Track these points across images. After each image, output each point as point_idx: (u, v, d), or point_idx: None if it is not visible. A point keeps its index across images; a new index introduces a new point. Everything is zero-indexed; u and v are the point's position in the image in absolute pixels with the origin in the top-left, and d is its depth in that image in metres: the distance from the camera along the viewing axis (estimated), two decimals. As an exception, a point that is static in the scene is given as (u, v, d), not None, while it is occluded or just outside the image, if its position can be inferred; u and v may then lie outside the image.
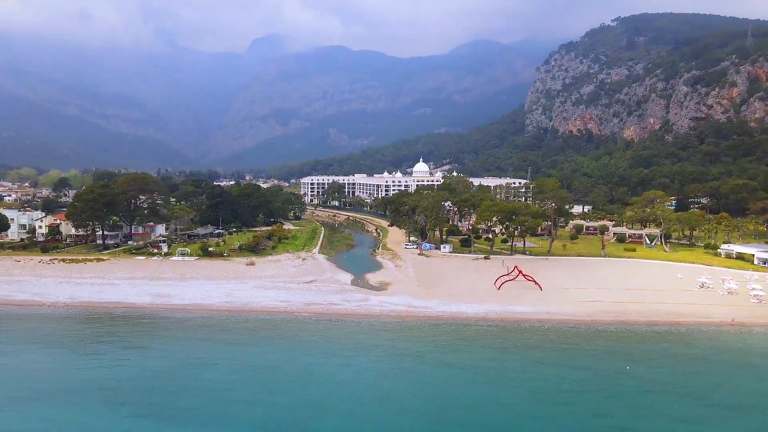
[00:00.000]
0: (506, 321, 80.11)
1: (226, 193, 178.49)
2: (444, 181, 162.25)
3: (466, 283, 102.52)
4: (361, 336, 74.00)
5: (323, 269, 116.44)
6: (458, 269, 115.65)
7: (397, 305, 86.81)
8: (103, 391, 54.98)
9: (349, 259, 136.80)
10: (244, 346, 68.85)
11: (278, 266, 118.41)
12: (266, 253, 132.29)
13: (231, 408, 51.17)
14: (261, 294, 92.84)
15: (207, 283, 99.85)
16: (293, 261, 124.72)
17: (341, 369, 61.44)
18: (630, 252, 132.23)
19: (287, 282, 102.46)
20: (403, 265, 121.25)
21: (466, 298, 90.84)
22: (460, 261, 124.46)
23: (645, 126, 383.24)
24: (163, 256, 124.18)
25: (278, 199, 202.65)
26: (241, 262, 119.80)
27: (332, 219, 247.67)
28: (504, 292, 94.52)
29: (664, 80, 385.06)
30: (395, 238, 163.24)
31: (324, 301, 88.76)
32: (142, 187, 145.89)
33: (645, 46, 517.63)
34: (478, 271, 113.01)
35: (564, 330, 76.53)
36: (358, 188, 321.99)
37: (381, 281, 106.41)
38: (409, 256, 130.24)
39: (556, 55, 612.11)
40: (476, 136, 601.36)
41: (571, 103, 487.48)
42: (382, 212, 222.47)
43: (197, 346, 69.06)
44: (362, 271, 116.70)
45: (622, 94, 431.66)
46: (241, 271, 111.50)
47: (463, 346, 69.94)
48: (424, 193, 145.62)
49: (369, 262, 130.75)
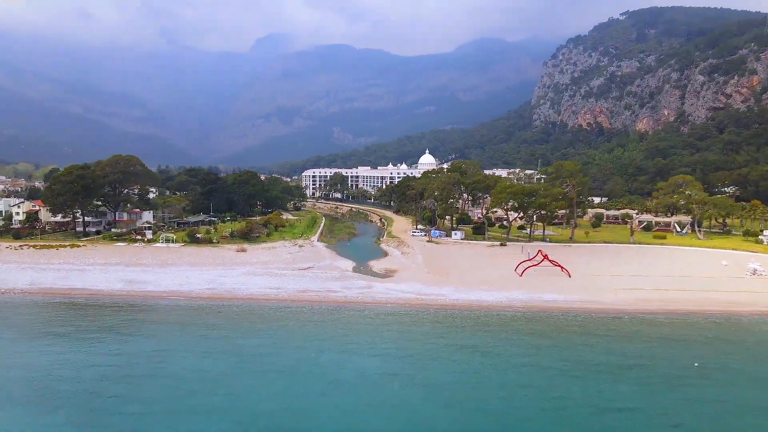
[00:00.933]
0: (534, 310, 68.01)
1: (220, 180, 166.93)
2: (453, 164, 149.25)
3: (482, 269, 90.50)
4: (363, 326, 62.12)
5: (322, 256, 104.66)
6: (473, 256, 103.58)
7: (405, 293, 74.89)
8: (34, 391, 43.29)
9: (351, 247, 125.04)
10: (219, 339, 56.93)
11: (272, 253, 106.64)
12: (260, 240, 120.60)
13: (187, 419, 39.31)
14: (249, 281, 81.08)
15: (189, 270, 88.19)
16: (289, 248, 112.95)
17: (337, 366, 49.57)
18: (660, 239, 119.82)
19: (280, 269, 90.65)
20: (410, 252, 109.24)
21: (485, 285, 78.83)
22: (474, 248, 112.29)
23: (659, 118, 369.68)
24: (146, 242, 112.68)
25: (276, 189, 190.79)
26: (231, 249, 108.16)
27: (334, 211, 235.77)
28: (527, 279, 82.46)
29: (678, 71, 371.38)
30: (401, 226, 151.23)
31: (321, 288, 76.90)
32: (125, 170, 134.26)
33: (656, 38, 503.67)
34: (496, 258, 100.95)
35: (605, 320, 64.33)
36: (362, 181, 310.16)
37: (386, 268, 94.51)
38: (417, 243, 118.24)
39: (563, 49, 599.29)
40: (482, 131, 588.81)
41: (580, 97, 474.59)
42: (386, 203, 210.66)
43: (162, 337, 57.28)
44: (365, 258, 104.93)
45: (634, 86, 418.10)
46: (229, 258, 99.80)
47: (486, 338, 57.90)
48: (433, 176, 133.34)
49: (373, 250, 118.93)
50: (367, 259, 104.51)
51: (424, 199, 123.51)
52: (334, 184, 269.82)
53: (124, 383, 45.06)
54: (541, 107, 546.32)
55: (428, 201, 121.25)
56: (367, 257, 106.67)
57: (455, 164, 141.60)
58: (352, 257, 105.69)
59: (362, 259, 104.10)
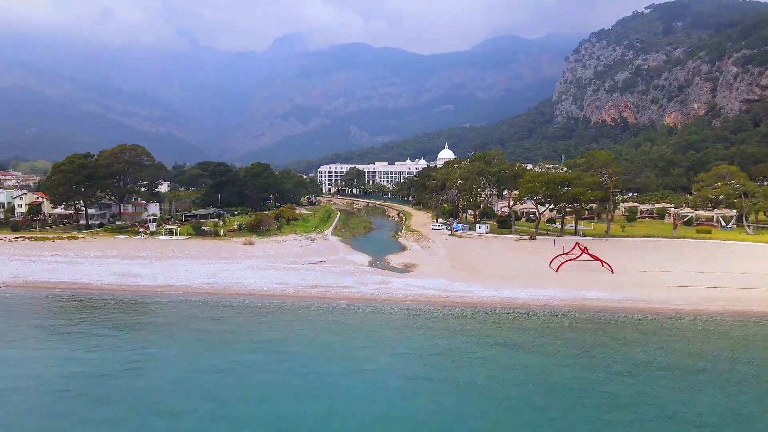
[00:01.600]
0: (577, 309, 58.79)
1: (231, 172, 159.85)
2: (476, 154, 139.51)
3: (512, 264, 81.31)
4: (379, 326, 53.63)
5: (335, 250, 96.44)
6: (500, 250, 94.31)
7: (427, 289, 66.19)
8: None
9: (367, 241, 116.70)
10: (209, 341, 48.88)
11: (282, 246, 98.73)
12: (270, 233, 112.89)
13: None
14: (253, 275, 73.11)
15: (189, 263, 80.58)
16: (300, 242, 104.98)
17: (348, 374, 41.07)
18: (705, 234, 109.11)
19: (289, 263, 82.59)
20: (431, 246, 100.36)
21: (517, 281, 69.77)
22: (501, 242, 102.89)
23: (688, 112, 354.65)
24: (149, 235, 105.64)
25: (290, 182, 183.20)
26: (237, 242, 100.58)
27: (350, 206, 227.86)
28: (564, 275, 73.13)
29: (709, 62, 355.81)
30: (420, 220, 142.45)
31: (333, 284, 68.57)
32: (130, 161, 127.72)
33: (684, 30, 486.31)
34: (526, 252, 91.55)
35: (662, 321, 54.91)
36: (379, 176, 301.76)
37: (406, 263, 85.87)
38: (439, 237, 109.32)
39: (586, 43, 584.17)
40: (502, 128, 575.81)
41: (604, 91, 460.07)
42: (404, 198, 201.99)
43: (144, 338, 49.37)
44: (382, 252, 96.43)
45: (661, 79, 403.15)
46: (235, 251, 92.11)
47: (526, 342, 48.92)
48: (455, 166, 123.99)
49: (390, 244, 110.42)
50: (385, 253, 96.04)
51: (446, 190, 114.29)
52: (350, 180, 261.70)
53: (88, 386, 37.20)
54: (563, 103, 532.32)
55: (450, 192, 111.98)
56: (384, 251, 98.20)
57: (478, 154, 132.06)
58: (367, 251, 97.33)
59: (379, 253, 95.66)
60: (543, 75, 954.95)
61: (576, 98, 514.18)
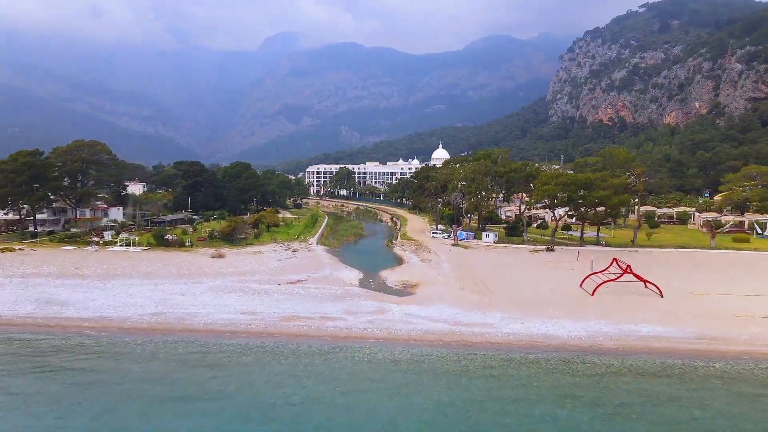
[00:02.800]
0: (634, 352, 44.47)
1: (206, 172, 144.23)
2: (476, 153, 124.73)
3: (535, 284, 66.93)
4: (374, 387, 38.90)
5: (320, 264, 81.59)
6: (516, 265, 79.89)
7: (435, 321, 51.64)
8: None
9: (358, 251, 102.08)
10: (128, 412, 33.95)
11: (257, 259, 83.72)
12: (246, 242, 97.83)
13: None
14: (215, 301, 58.16)
15: (139, 284, 65.39)
16: (280, 253, 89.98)
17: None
18: (743, 243, 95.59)
19: (263, 282, 67.69)
20: (433, 259, 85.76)
21: (546, 308, 55.45)
22: (515, 254, 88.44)
23: (689, 111, 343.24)
24: (102, 245, 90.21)
25: (273, 183, 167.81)
26: (205, 254, 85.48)
27: (339, 209, 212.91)
28: (603, 300, 58.91)
29: (710, 60, 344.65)
30: (417, 226, 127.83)
31: (314, 314, 53.81)
32: (89, 158, 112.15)
33: (682, 28, 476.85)
34: (547, 267, 77.20)
35: (758, 374, 40.73)
36: (370, 177, 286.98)
37: (404, 281, 71.27)
38: (440, 247, 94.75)
39: (581, 42, 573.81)
40: (496, 127, 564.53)
41: (601, 90, 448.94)
42: (398, 200, 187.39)
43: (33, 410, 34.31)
44: (375, 267, 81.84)
45: (661, 77, 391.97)
46: (200, 266, 76.98)
47: (582, 415, 34.47)
48: (457, 165, 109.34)
49: (385, 256, 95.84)
50: (378, 267, 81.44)
51: (447, 193, 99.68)
52: (339, 180, 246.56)
53: None
54: (558, 102, 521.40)
55: (453, 195, 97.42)
56: (377, 265, 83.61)
57: (480, 152, 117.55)
58: (358, 265, 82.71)
59: (372, 267, 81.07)
60: (535, 75, 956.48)
61: (571, 97, 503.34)
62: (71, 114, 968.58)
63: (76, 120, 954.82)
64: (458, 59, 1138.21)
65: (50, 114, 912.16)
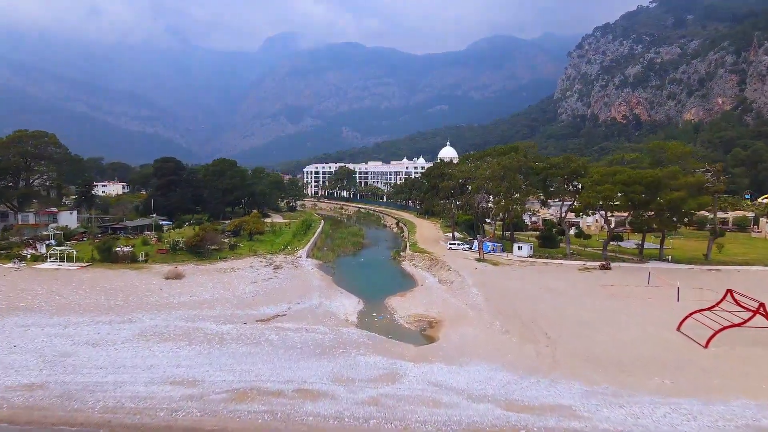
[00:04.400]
0: None
1: (183, 170, 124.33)
2: (496, 147, 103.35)
3: (607, 323, 46.90)
4: None
5: (307, 287, 61.65)
6: (568, 291, 59.48)
7: (476, 398, 31.79)
8: None
9: (357, 267, 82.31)
10: None
11: (225, 281, 63.77)
12: (218, 256, 78.05)
13: None
14: (137, 358, 38.24)
15: (43, 323, 45.55)
16: (258, 271, 70.12)
17: None
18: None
19: (223, 319, 47.93)
20: (455, 279, 65.64)
21: (647, 373, 35.55)
22: (560, 273, 68.14)
23: (711, 107, 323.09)
24: (29, 261, 70.44)
25: (263, 183, 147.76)
26: (159, 273, 65.65)
27: (338, 212, 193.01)
28: (724, 357, 39.00)
29: (733, 53, 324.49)
30: (428, 233, 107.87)
31: (286, 383, 33.99)
32: (34, 152, 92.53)
33: (699, 22, 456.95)
34: (613, 296, 56.98)
35: None
36: (372, 177, 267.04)
37: (420, 316, 51.44)
38: (461, 262, 74.65)
39: (590, 38, 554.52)
40: (502, 127, 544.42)
41: (613, 87, 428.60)
42: (403, 202, 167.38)
43: None
44: (380, 291, 62.14)
45: (679, 72, 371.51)
46: (144, 293, 57.12)
47: None
48: (476, 162, 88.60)
49: (391, 274, 76.06)
50: (384, 291, 61.70)
51: (469, 195, 79.39)
52: (339, 181, 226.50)
53: None
54: (568, 100, 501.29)
55: (478, 197, 77.09)
56: (383, 288, 63.90)
57: (507, 146, 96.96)
58: (357, 288, 63.07)
59: (375, 292, 61.39)
60: (539, 75, 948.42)
61: (582, 95, 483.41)
62: (70, 114, 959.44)
63: (75, 120, 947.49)
64: (460, 59, 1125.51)
65: (48, 114, 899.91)
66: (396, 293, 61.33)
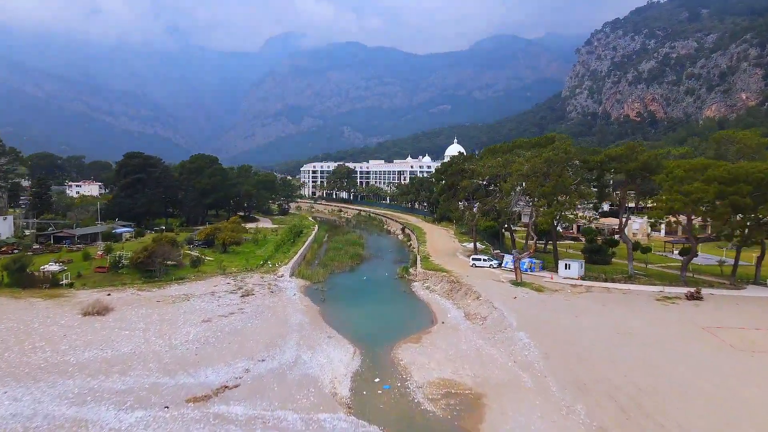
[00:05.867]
0: None
1: (153, 167, 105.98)
2: (514, 141, 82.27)
3: (745, 403, 28.47)
4: None
5: (282, 328, 43.19)
6: (664, 337, 40.56)
7: None
8: None
9: (355, 290, 63.66)
10: None
11: (166, 318, 45.30)
12: (174, 276, 59.82)
13: None
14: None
15: None
16: (219, 300, 51.76)
17: None
18: None
19: (130, 399, 29.63)
20: (489, 314, 46.97)
21: None
22: (630, 304, 49.20)
23: (734, 103, 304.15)
24: None
25: (249, 182, 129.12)
26: (79, 304, 47.34)
27: (336, 215, 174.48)
28: None
29: (758, 46, 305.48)
30: (442, 243, 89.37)
31: None
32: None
33: (716, 15, 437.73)
34: (728, 347, 38.32)
35: None
36: (374, 177, 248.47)
37: (447, 383, 32.96)
38: (492, 286, 56.12)
39: (599, 34, 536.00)
40: (509, 125, 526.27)
41: (626, 83, 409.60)
42: (410, 204, 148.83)
43: None
44: (384, 332, 43.83)
45: (697, 67, 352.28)
46: (39, 340, 38.77)
47: None
48: (502, 154, 69.05)
49: (399, 302, 57.54)
50: (390, 333, 43.41)
51: (500, 197, 60.01)
52: (338, 181, 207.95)
53: None
54: (577, 97, 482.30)
55: (510, 199, 57.72)
56: (388, 327, 45.60)
57: (532, 139, 77.61)
58: (353, 326, 44.86)
59: (378, 333, 43.18)
60: (543, 75, 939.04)
61: (592, 92, 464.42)
62: (68, 114, 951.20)
63: (73, 120, 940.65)
64: (463, 59, 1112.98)
65: (46, 114, 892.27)
66: (408, 336, 42.93)
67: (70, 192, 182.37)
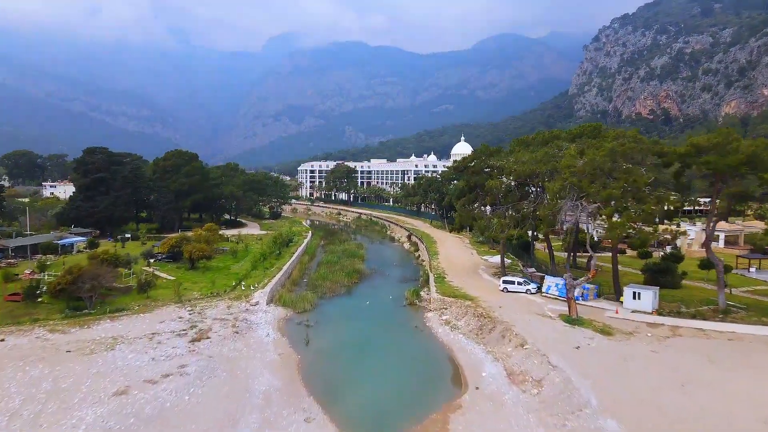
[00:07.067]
0: None
1: (119, 164, 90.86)
2: (550, 131, 65.97)
3: None
4: None
5: (237, 404, 27.95)
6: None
7: None
8: None
9: (351, 325, 48.20)
10: None
11: (63, 387, 30.11)
12: (110, 307, 44.60)
13: None
14: None
15: None
16: (157, 348, 36.50)
17: None
18: None
19: None
20: (545, 375, 31.74)
21: None
22: (746, 356, 34.35)
23: (755, 99, 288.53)
24: None
25: (234, 183, 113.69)
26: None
27: (334, 218, 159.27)
28: None
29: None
30: (457, 256, 74.04)
31: None
32: None
33: (732, 8, 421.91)
34: None
35: None
36: (376, 177, 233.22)
37: None
38: (535, 323, 40.87)
39: (607, 30, 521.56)
40: (515, 124, 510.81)
41: (638, 80, 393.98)
42: (415, 207, 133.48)
43: None
44: (389, 405, 28.30)
45: (714, 62, 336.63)
46: None
47: None
48: (537, 146, 53.77)
49: (409, 346, 42.09)
50: (397, 408, 27.99)
51: (550, 201, 43.57)
52: (337, 181, 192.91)
53: None
54: (586, 95, 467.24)
55: (563, 204, 41.66)
56: (394, 394, 30.12)
57: (573, 130, 62.06)
58: (343, 392, 29.35)
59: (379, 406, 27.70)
60: (547, 74, 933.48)
61: (602, 89, 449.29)
62: (68, 113, 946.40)
63: (73, 119, 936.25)
64: (466, 58, 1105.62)
65: (46, 113, 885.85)
66: (426, 416, 27.63)
67: (45, 193, 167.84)
